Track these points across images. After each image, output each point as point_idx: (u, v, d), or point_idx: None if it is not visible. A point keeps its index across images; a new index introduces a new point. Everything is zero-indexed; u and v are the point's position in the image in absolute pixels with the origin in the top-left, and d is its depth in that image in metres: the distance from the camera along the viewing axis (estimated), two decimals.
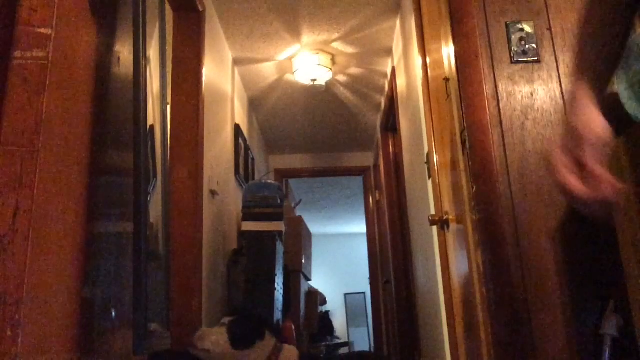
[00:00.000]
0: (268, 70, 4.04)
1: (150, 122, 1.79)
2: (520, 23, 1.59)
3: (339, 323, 9.81)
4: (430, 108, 2.24)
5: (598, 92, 0.89)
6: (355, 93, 4.50)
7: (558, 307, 1.37)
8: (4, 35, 1.07)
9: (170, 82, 2.61)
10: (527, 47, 1.57)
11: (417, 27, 2.47)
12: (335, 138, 5.53)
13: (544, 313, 1.36)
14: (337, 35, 3.56)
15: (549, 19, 1.60)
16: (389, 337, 4.92)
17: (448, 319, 2.06)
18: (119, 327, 1.36)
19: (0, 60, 1.05)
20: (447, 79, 1.82)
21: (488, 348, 1.48)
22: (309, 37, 3.57)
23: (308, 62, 3.76)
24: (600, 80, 0.91)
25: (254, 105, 4.66)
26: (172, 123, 2.54)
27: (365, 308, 9.79)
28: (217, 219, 3.06)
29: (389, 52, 3.80)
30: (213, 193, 2.94)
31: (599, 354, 1.28)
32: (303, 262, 5.02)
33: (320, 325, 7.00)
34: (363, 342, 9.45)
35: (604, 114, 0.85)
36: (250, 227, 3.14)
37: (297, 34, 3.53)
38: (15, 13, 1.08)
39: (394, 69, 3.65)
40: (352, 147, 5.81)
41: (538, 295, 1.38)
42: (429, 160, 2.32)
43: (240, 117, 4.09)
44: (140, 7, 1.52)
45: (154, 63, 1.99)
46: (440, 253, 2.15)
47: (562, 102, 1.53)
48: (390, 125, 4.28)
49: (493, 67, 1.57)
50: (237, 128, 3.81)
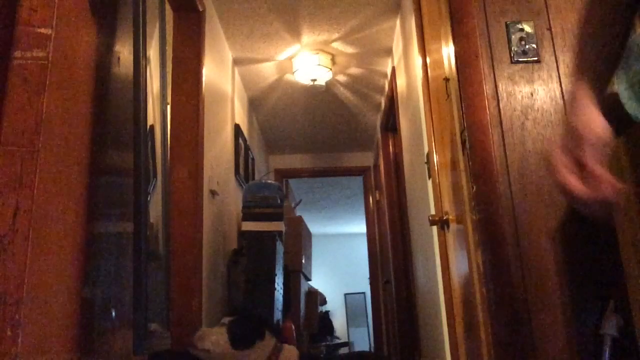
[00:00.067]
0: (268, 70, 4.05)
1: (150, 122, 1.79)
2: (520, 23, 1.59)
3: (339, 323, 9.81)
4: (430, 108, 2.24)
5: (598, 92, 0.89)
6: (355, 93, 4.50)
7: (558, 307, 1.37)
8: (4, 35, 1.07)
9: (170, 82, 2.61)
10: (527, 47, 1.57)
11: (417, 27, 2.47)
12: (335, 138, 5.53)
13: (544, 313, 1.36)
14: (337, 35, 3.56)
15: (549, 19, 1.60)
16: (389, 337, 4.92)
17: (448, 319, 2.06)
18: (119, 327, 1.36)
19: (0, 60, 1.05)
20: (447, 79, 1.82)
21: (488, 348, 1.48)
22: (309, 37, 3.57)
23: (308, 62, 3.76)
24: (600, 80, 0.91)
25: (254, 105, 4.66)
26: (172, 123, 2.54)
27: (365, 308, 9.79)
28: (217, 219, 3.06)
29: (389, 52, 3.80)
30: (213, 193, 2.94)
31: (599, 354, 1.28)
32: (303, 262, 5.02)
33: (320, 325, 7.00)
34: (363, 342, 9.45)
35: (604, 114, 0.85)
36: (250, 227, 3.14)
37: (297, 34, 3.53)
38: (15, 13, 1.08)
39: (394, 69, 3.65)
40: (352, 147, 5.81)
41: (538, 295, 1.38)
42: (429, 160, 2.32)
43: (240, 117, 4.09)
44: (140, 7, 1.52)
45: (154, 63, 1.99)
46: (440, 253, 2.15)
47: (562, 102, 1.53)
48: (390, 125, 4.28)
49: (493, 67, 1.57)
50: (237, 128, 3.81)
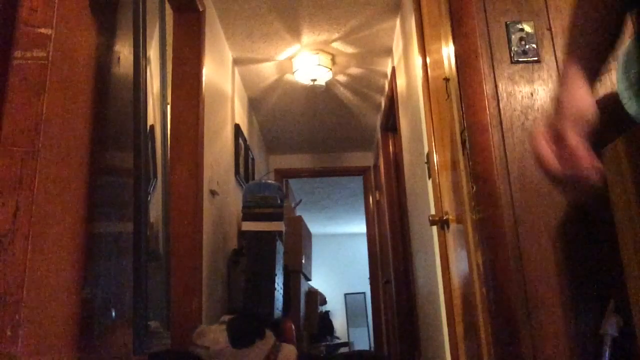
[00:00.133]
0: (268, 70, 4.05)
1: (150, 122, 1.79)
2: (520, 23, 1.59)
3: (339, 323, 9.81)
4: (430, 108, 2.24)
5: (590, 68, 0.88)
6: (355, 93, 4.50)
7: (558, 307, 1.37)
8: (4, 35, 1.07)
9: (170, 82, 2.61)
10: (527, 47, 1.57)
11: (417, 27, 2.47)
12: (335, 138, 5.52)
13: (544, 313, 1.36)
14: (337, 35, 3.56)
15: (549, 19, 1.60)
16: (389, 337, 4.92)
17: (448, 319, 2.06)
18: (119, 327, 1.36)
19: (1, 60, 1.05)
20: (447, 79, 1.82)
21: (488, 348, 1.48)
22: (309, 37, 3.57)
23: (308, 62, 3.76)
24: (592, 58, 0.90)
25: (254, 105, 4.66)
26: (172, 123, 2.54)
27: (365, 308, 9.79)
28: (217, 219, 3.06)
29: (389, 52, 3.80)
30: (213, 193, 2.94)
31: (599, 354, 1.28)
32: (303, 262, 5.02)
33: (320, 325, 7.00)
34: (363, 342, 9.45)
35: (604, 114, 0.85)
36: (250, 227, 3.13)
37: (297, 34, 3.53)
38: (15, 13, 1.08)
39: (394, 69, 3.65)
40: (352, 147, 5.81)
41: (538, 295, 1.38)
42: (429, 160, 2.32)
43: (240, 117, 4.09)
44: (140, 7, 1.53)
45: (154, 63, 1.99)
46: (440, 253, 2.15)
47: None
48: (390, 125, 4.28)
49: (493, 67, 1.57)
50: (237, 128, 3.81)
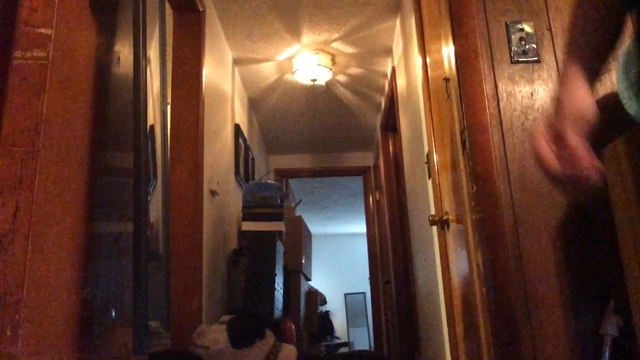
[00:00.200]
0: (268, 70, 4.04)
1: (150, 122, 1.79)
2: (520, 23, 1.59)
3: (339, 323, 9.81)
4: (430, 108, 2.24)
5: (590, 68, 0.88)
6: (355, 93, 4.50)
7: (558, 307, 1.37)
8: (4, 35, 1.07)
9: (170, 82, 2.61)
10: (527, 47, 1.57)
11: (417, 27, 2.47)
12: (335, 138, 5.52)
13: (544, 313, 1.36)
14: (337, 35, 3.56)
15: (549, 19, 1.60)
16: (389, 337, 4.92)
17: (448, 319, 2.06)
18: (119, 327, 1.36)
19: (1, 60, 1.05)
20: (447, 79, 1.82)
21: (488, 348, 1.48)
22: (309, 37, 3.57)
23: (308, 62, 3.76)
24: (593, 58, 0.90)
25: (254, 105, 4.66)
26: (172, 123, 2.54)
27: (365, 308, 9.79)
28: (217, 219, 3.06)
29: (389, 52, 3.80)
30: (213, 193, 2.94)
31: (599, 354, 1.28)
32: (303, 262, 5.02)
33: (320, 325, 7.00)
34: (363, 342, 9.45)
35: (604, 114, 0.85)
36: (250, 227, 3.13)
37: (297, 34, 3.53)
38: (15, 13, 1.08)
39: (394, 69, 3.65)
40: (352, 147, 5.81)
41: (538, 295, 1.38)
42: (429, 160, 2.32)
43: (240, 117, 4.09)
44: (140, 7, 1.53)
45: (154, 63, 1.99)
46: (440, 253, 2.15)
47: None
48: (390, 125, 4.28)
49: (493, 67, 1.57)
50: (237, 128, 3.81)
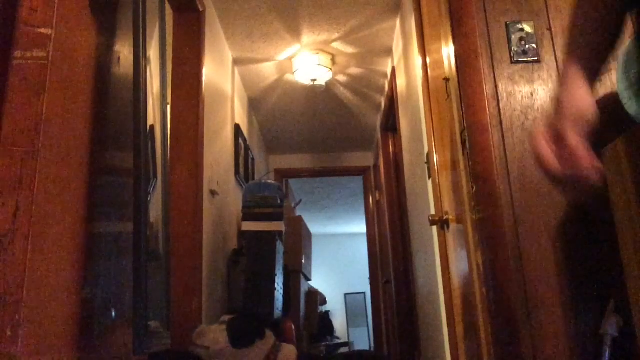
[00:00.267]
0: (268, 70, 4.04)
1: (150, 122, 1.79)
2: (520, 23, 1.59)
3: (339, 323, 9.81)
4: (430, 108, 2.24)
5: (590, 68, 0.88)
6: (355, 93, 4.50)
7: (558, 307, 1.37)
8: (4, 35, 1.07)
9: (170, 82, 2.61)
10: (527, 47, 1.57)
11: (417, 27, 2.47)
12: (335, 138, 5.52)
13: (544, 313, 1.36)
14: (337, 35, 3.56)
15: (549, 19, 1.60)
16: (389, 337, 4.92)
17: (448, 319, 2.06)
18: (119, 327, 1.36)
19: (1, 60, 1.05)
20: (447, 79, 1.82)
21: (488, 348, 1.48)
22: (309, 37, 3.57)
23: (308, 62, 3.76)
24: (593, 58, 0.90)
25: (254, 105, 4.66)
26: (172, 123, 2.54)
27: (365, 308, 9.79)
28: (217, 219, 3.06)
29: (389, 52, 3.80)
30: (213, 193, 2.94)
31: (599, 354, 1.28)
32: (303, 262, 5.02)
33: (320, 325, 7.00)
34: (363, 342, 9.45)
35: (604, 114, 0.85)
36: (250, 227, 3.13)
37: (297, 34, 3.53)
38: (15, 13, 1.08)
39: (394, 69, 3.65)
40: (352, 147, 5.81)
41: (538, 295, 1.38)
42: (429, 160, 2.32)
43: (240, 117, 4.09)
44: (140, 7, 1.53)
45: (154, 63, 1.99)
46: (440, 253, 2.15)
47: None
48: (390, 125, 4.28)
49: (493, 67, 1.57)
50: (237, 128, 3.81)
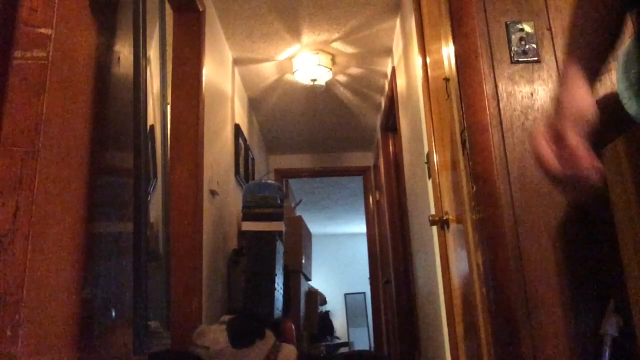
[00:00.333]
0: (268, 70, 4.04)
1: (150, 122, 1.79)
2: (520, 23, 1.59)
3: (339, 323, 9.81)
4: (430, 108, 2.24)
5: (590, 68, 0.88)
6: (355, 93, 4.50)
7: (558, 307, 1.37)
8: (4, 35, 1.07)
9: (170, 82, 2.61)
10: (527, 47, 1.57)
11: (417, 27, 2.47)
12: (335, 138, 5.52)
13: (544, 313, 1.36)
14: (337, 35, 3.56)
15: (549, 19, 1.60)
16: (389, 337, 4.92)
17: (448, 319, 2.06)
18: (119, 327, 1.36)
19: (1, 60, 1.05)
20: (447, 79, 1.82)
21: (488, 348, 1.48)
22: (309, 37, 3.57)
23: (308, 62, 3.76)
24: (593, 58, 0.90)
25: (254, 105, 4.65)
26: (172, 123, 2.54)
27: (365, 308, 9.79)
28: (217, 219, 3.06)
29: (389, 52, 3.80)
30: (213, 193, 2.94)
31: (599, 354, 1.28)
32: (303, 262, 5.02)
33: (320, 325, 7.00)
34: (363, 342, 9.45)
35: (604, 114, 0.85)
36: (250, 227, 3.13)
37: (297, 34, 3.53)
38: (15, 13, 1.08)
39: (394, 69, 3.65)
40: (352, 147, 5.81)
41: (538, 295, 1.38)
42: (429, 160, 2.32)
43: (240, 117, 4.09)
44: (140, 7, 1.53)
45: (154, 63, 1.99)
46: (440, 253, 2.15)
47: None
48: (390, 125, 4.28)
49: (493, 67, 1.57)
50: (237, 128, 3.81)
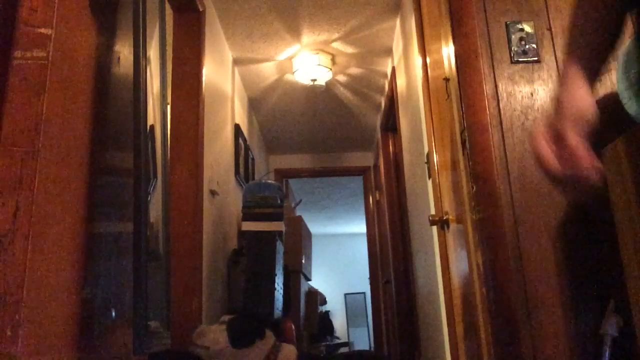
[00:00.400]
0: (268, 70, 4.04)
1: (150, 122, 1.79)
2: (520, 23, 1.59)
3: (339, 323, 9.81)
4: (430, 108, 2.24)
5: (590, 68, 0.88)
6: (355, 93, 4.50)
7: (558, 307, 1.37)
8: (4, 35, 1.07)
9: (170, 82, 2.61)
10: (527, 47, 1.57)
11: (417, 27, 2.47)
12: (335, 138, 5.52)
13: (544, 313, 1.36)
14: (337, 35, 3.56)
15: (549, 19, 1.60)
16: (389, 337, 4.92)
17: (448, 319, 2.06)
18: (119, 327, 1.36)
19: (1, 60, 1.05)
20: (447, 79, 1.82)
21: (488, 348, 1.48)
22: (309, 37, 3.57)
23: (308, 62, 3.76)
24: (593, 58, 0.90)
25: (254, 105, 4.65)
26: (172, 123, 2.54)
27: (365, 308, 9.79)
28: (217, 219, 3.06)
29: (389, 52, 3.80)
30: (213, 193, 2.94)
31: (599, 354, 1.28)
32: (303, 262, 5.02)
33: (320, 325, 7.00)
34: (363, 342, 9.45)
35: (604, 114, 0.85)
36: (250, 227, 3.13)
37: (297, 34, 3.53)
38: (15, 13, 1.08)
39: (394, 69, 3.65)
40: (352, 147, 5.81)
41: (538, 295, 1.38)
42: (429, 160, 2.32)
43: (240, 117, 4.09)
44: (140, 7, 1.53)
45: (154, 63, 1.99)
46: (440, 253, 2.15)
47: None
48: (390, 125, 4.28)
49: (493, 67, 1.57)
50: (237, 128, 3.81)
